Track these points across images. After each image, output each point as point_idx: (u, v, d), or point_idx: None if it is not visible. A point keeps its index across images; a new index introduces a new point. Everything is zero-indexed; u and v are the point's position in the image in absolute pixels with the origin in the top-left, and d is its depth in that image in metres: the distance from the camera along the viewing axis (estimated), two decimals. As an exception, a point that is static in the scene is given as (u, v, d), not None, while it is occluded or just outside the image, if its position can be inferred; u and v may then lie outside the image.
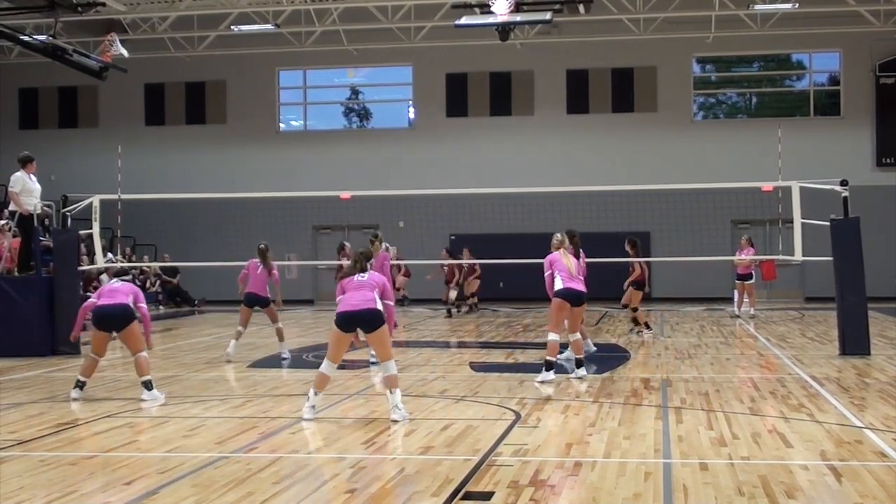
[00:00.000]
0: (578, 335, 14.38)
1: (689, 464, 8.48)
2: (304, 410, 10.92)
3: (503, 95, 35.33)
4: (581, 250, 15.59)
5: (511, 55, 33.61)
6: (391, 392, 10.86)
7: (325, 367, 10.95)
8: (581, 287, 14.00)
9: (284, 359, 16.83)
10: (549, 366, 13.64)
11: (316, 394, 10.95)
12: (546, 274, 14.00)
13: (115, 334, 12.66)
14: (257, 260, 17.11)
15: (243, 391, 13.31)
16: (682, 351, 17.62)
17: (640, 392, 12.72)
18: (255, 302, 16.95)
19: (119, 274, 13.40)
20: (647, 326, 20.56)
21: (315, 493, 7.70)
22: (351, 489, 7.75)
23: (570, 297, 13.81)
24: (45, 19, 24.87)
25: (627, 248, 19.73)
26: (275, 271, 17.18)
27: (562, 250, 14.02)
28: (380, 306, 10.92)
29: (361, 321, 10.86)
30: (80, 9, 22.61)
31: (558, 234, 14.29)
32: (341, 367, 15.68)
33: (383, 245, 17.57)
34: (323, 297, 34.06)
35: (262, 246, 17.13)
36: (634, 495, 7.47)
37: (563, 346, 14.74)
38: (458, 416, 11.01)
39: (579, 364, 14.18)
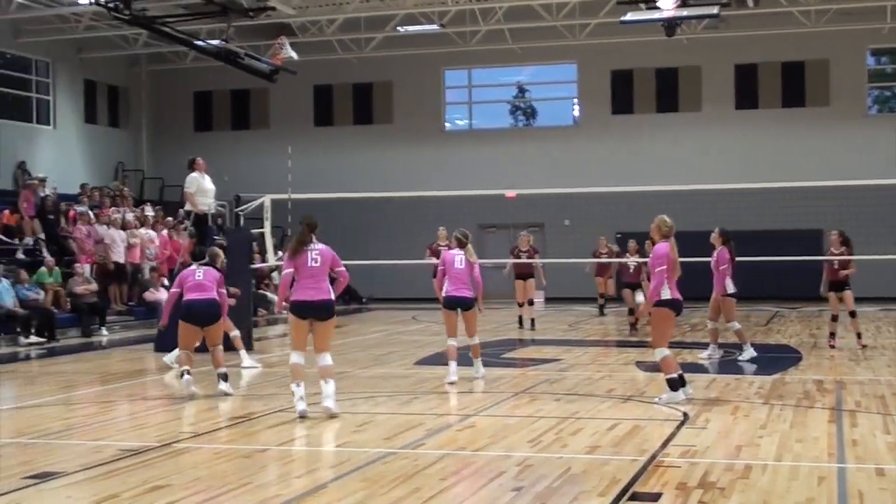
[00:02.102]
0: None
1: (864, 469, 8.23)
2: (297, 405, 10.80)
3: (669, 92, 34.83)
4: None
5: (677, 50, 33.07)
6: (325, 382, 10.85)
7: (295, 357, 11.02)
8: None
9: (246, 368, 15.67)
10: (674, 384, 11.62)
11: (298, 385, 10.87)
12: (659, 269, 11.71)
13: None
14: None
15: (410, 388, 13.44)
16: (856, 352, 17.09)
17: (812, 394, 12.40)
18: None
19: (198, 257, 13.20)
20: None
21: (481, 490, 7.73)
22: (517, 487, 7.76)
23: (678, 307, 11.96)
24: (217, 24, 25.51)
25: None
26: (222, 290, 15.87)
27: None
28: (332, 295, 11.00)
29: (316, 311, 10.95)
30: (251, 13, 23.14)
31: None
32: (508, 364, 15.81)
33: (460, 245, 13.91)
34: (490, 295, 34.05)
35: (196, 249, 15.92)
36: (807, 500, 7.29)
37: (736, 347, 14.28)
38: (625, 415, 10.93)
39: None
